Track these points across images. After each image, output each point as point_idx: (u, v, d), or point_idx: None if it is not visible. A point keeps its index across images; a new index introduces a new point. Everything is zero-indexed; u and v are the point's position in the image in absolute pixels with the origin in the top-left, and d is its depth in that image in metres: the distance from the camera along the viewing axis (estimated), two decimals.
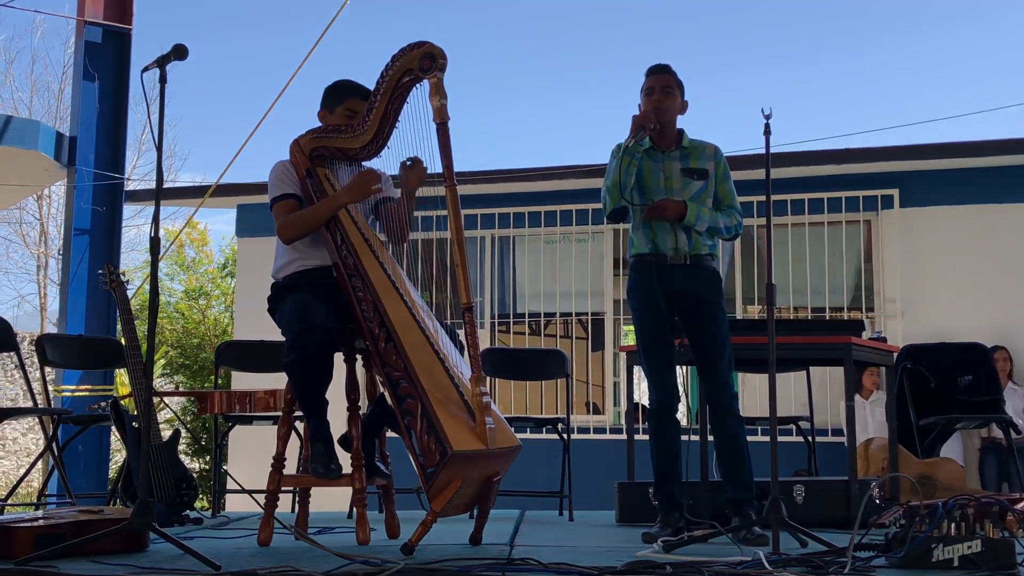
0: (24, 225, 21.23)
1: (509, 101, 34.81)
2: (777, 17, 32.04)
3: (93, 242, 9.03)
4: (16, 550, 3.22)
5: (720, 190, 4.44)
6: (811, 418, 6.88)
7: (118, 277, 5.33)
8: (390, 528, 4.19)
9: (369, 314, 3.73)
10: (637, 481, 5.34)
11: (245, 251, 10.58)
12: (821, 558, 3.24)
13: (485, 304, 9.70)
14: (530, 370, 6.74)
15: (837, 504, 4.90)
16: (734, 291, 9.25)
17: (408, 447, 3.53)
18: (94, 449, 8.61)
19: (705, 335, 4.35)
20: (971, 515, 3.13)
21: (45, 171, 9.53)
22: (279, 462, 3.96)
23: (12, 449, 16.21)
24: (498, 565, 3.11)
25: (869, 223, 9.08)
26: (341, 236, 3.90)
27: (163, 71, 3.49)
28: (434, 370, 3.66)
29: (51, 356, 5.91)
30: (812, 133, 37.29)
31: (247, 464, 8.59)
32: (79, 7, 9.30)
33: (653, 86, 4.38)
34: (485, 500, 3.79)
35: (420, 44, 3.72)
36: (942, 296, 8.67)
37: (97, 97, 9.18)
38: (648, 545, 3.93)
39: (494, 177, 9.31)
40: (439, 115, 3.68)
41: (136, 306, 13.31)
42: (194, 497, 5.15)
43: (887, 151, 8.84)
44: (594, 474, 7.18)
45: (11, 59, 25.92)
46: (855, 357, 5.08)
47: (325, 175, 4.06)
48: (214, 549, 3.57)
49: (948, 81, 33.11)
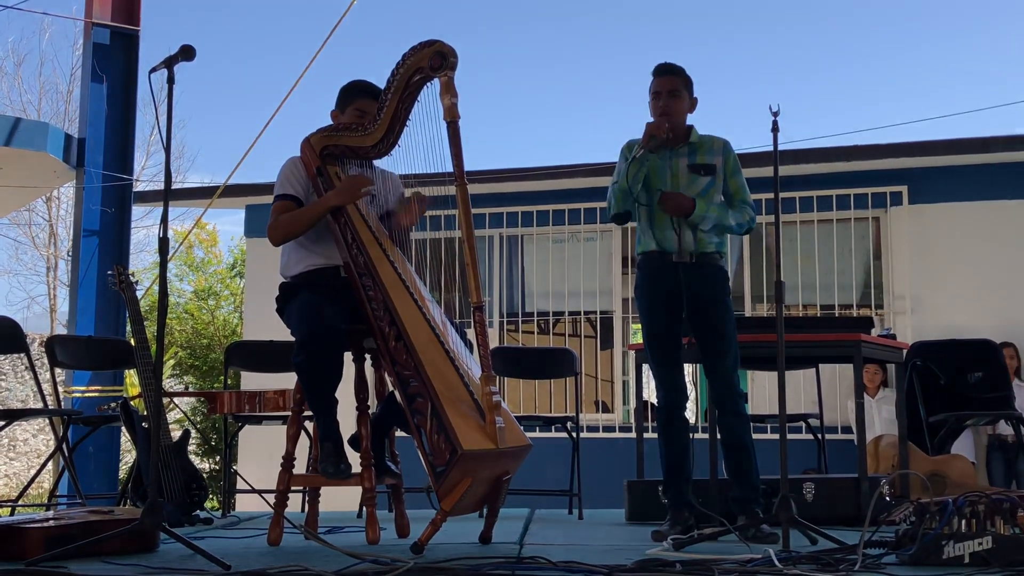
0: (33, 227, 21.34)
1: (518, 100, 34.81)
2: (787, 15, 32.02)
3: (102, 243, 9.06)
4: (27, 551, 3.23)
5: (731, 185, 4.42)
6: (820, 416, 6.88)
7: (127, 278, 5.34)
8: (400, 527, 4.19)
9: (379, 313, 3.73)
10: (646, 479, 5.34)
11: (254, 251, 10.60)
12: (831, 555, 3.23)
13: (494, 303, 9.70)
14: (539, 369, 6.73)
15: (847, 501, 4.89)
16: (743, 289, 9.24)
17: (418, 446, 3.53)
18: (104, 450, 8.64)
19: (711, 334, 4.34)
20: (982, 512, 3.12)
21: (54, 173, 9.56)
22: (289, 462, 3.96)
23: (23, 450, 16.26)
24: (508, 564, 3.11)
25: (878, 220, 9.06)
26: (352, 234, 3.89)
27: (171, 72, 3.49)
28: (444, 369, 3.66)
29: (61, 357, 5.92)
30: (821, 130, 37.22)
31: (257, 464, 8.61)
32: (87, 9, 9.33)
33: (659, 90, 4.35)
34: (495, 499, 3.79)
35: (431, 43, 3.71)
36: (951, 293, 8.65)
37: (105, 98, 9.21)
38: (658, 543, 3.92)
39: (502, 176, 9.31)
40: (449, 114, 3.67)
41: (145, 307, 13.35)
42: (204, 497, 5.16)
43: (896, 148, 8.81)
44: (603, 472, 7.18)
45: (20, 61, 26.11)
46: (865, 354, 5.07)
47: (336, 173, 4.05)
48: (224, 549, 3.58)
49: (957, 77, 33.05)
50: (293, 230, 3.97)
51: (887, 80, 31.95)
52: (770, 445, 4.41)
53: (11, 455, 16.05)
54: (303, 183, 4.03)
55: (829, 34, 33.37)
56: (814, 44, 33.75)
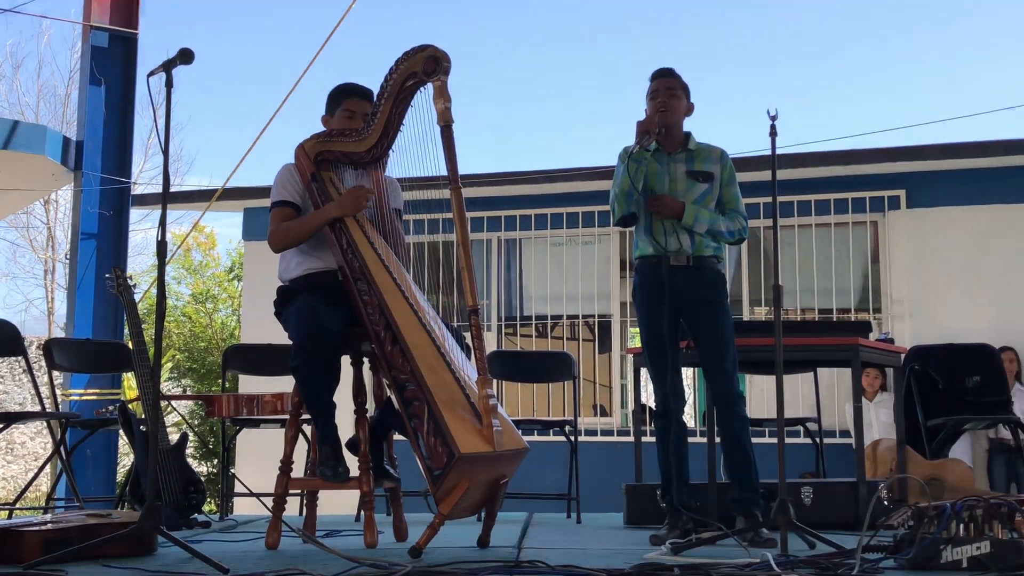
0: (31, 230, 21.31)
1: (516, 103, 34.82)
2: (784, 18, 32.06)
3: (100, 246, 9.04)
4: (24, 554, 3.23)
5: (725, 194, 4.44)
6: (819, 420, 6.87)
7: (125, 281, 5.34)
8: (398, 531, 4.18)
9: (375, 317, 3.73)
10: (645, 483, 5.34)
11: (252, 255, 10.60)
12: (829, 560, 3.23)
13: (492, 307, 9.70)
14: (537, 372, 6.73)
15: (845, 506, 4.89)
16: (741, 293, 9.24)
17: (415, 450, 3.53)
18: (102, 453, 8.62)
19: (709, 337, 4.34)
20: (980, 516, 3.12)
21: (52, 176, 9.55)
22: (287, 465, 3.96)
23: (20, 453, 16.24)
24: (506, 567, 3.11)
25: (876, 224, 9.06)
26: (347, 239, 3.90)
27: (169, 75, 3.50)
28: (441, 373, 3.66)
29: (59, 360, 5.92)
30: (819, 134, 37.24)
31: (255, 467, 8.58)
32: (85, 12, 9.32)
33: (658, 89, 4.38)
34: (493, 502, 3.79)
35: (424, 48, 3.72)
36: (949, 297, 8.65)
37: (104, 102, 9.20)
38: (656, 547, 3.92)
39: (500, 180, 9.31)
40: (443, 118, 3.68)
41: (143, 310, 13.35)
42: (202, 500, 5.16)
43: (894, 152, 8.82)
44: (602, 476, 7.17)
45: (18, 64, 25.95)
46: (863, 358, 5.07)
47: (330, 179, 4.06)
48: (222, 552, 3.58)
49: (954, 81, 33.08)
50: (293, 238, 3.98)
51: (885, 84, 31.98)
52: (768, 449, 4.40)
53: (9, 458, 16.04)
54: (299, 189, 4.04)
55: (827, 38, 33.42)
56: (812, 48, 33.79)
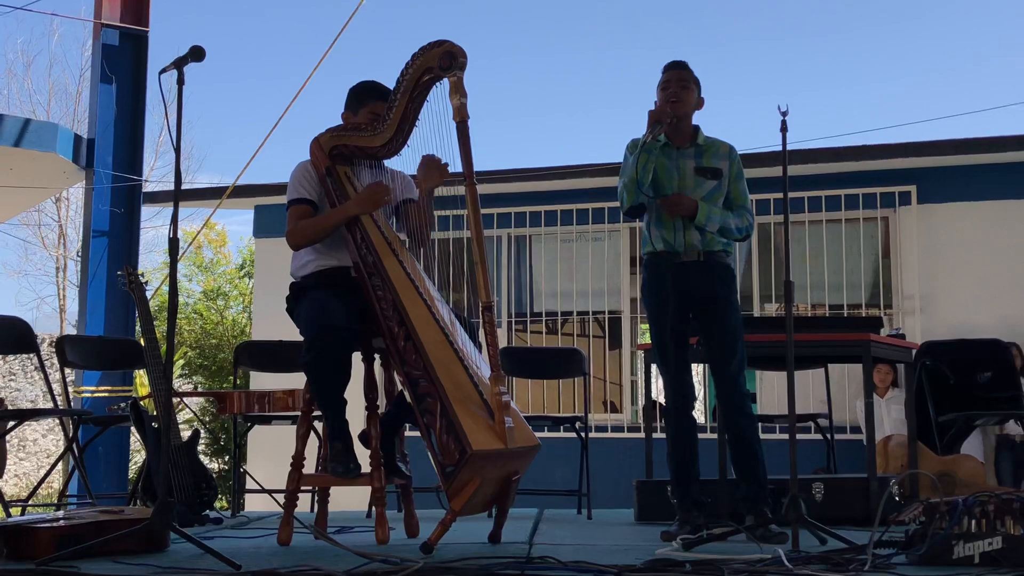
0: (43, 227, 21.39)
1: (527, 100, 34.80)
2: (795, 13, 31.97)
3: (112, 244, 9.07)
4: (37, 551, 3.24)
5: (732, 190, 4.42)
6: (830, 415, 6.87)
7: (137, 278, 5.35)
8: (409, 527, 4.19)
9: (388, 313, 3.73)
10: (655, 479, 5.33)
11: (263, 252, 10.61)
12: (841, 555, 3.23)
13: (502, 303, 9.70)
14: (548, 369, 6.73)
15: (856, 501, 4.89)
16: (752, 289, 9.23)
17: (427, 446, 3.53)
18: (114, 450, 8.64)
19: (719, 333, 4.33)
20: (991, 511, 3.11)
21: (63, 173, 9.57)
22: (298, 462, 3.97)
23: (33, 450, 16.30)
24: (517, 564, 3.11)
25: (887, 220, 9.04)
26: (361, 234, 3.89)
27: (180, 73, 3.50)
28: (453, 369, 3.66)
29: (71, 357, 5.94)
30: (829, 129, 37.16)
31: (266, 464, 8.61)
32: (96, 10, 9.34)
33: (670, 80, 4.37)
34: (504, 499, 3.79)
35: (440, 43, 3.71)
36: (960, 292, 8.62)
37: (114, 99, 9.22)
38: (667, 543, 3.92)
39: (510, 176, 9.31)
40: (459, 114, 3.67)
41: (155, 307, 13.39)
42: (214, 497, 5.17)
43: (905, 147, 8.79)
44: (612, 472, 7.18)
45: (29, 62, 26.11)
46: (874, 354, 5.06)
47: (345, 174, 4.05)
48: (234, 549, 3.58)
49: (966, 76, 32.97)
50: (312, 236, 3.98)
51: (896, 79, 31.90)
52: (779, 445, 4.40)
53: (21, 455, 16.09)
54: (316, 186, 4.03)
55: (838, 34, 33.32)
56: (823, 43, 33.69)
